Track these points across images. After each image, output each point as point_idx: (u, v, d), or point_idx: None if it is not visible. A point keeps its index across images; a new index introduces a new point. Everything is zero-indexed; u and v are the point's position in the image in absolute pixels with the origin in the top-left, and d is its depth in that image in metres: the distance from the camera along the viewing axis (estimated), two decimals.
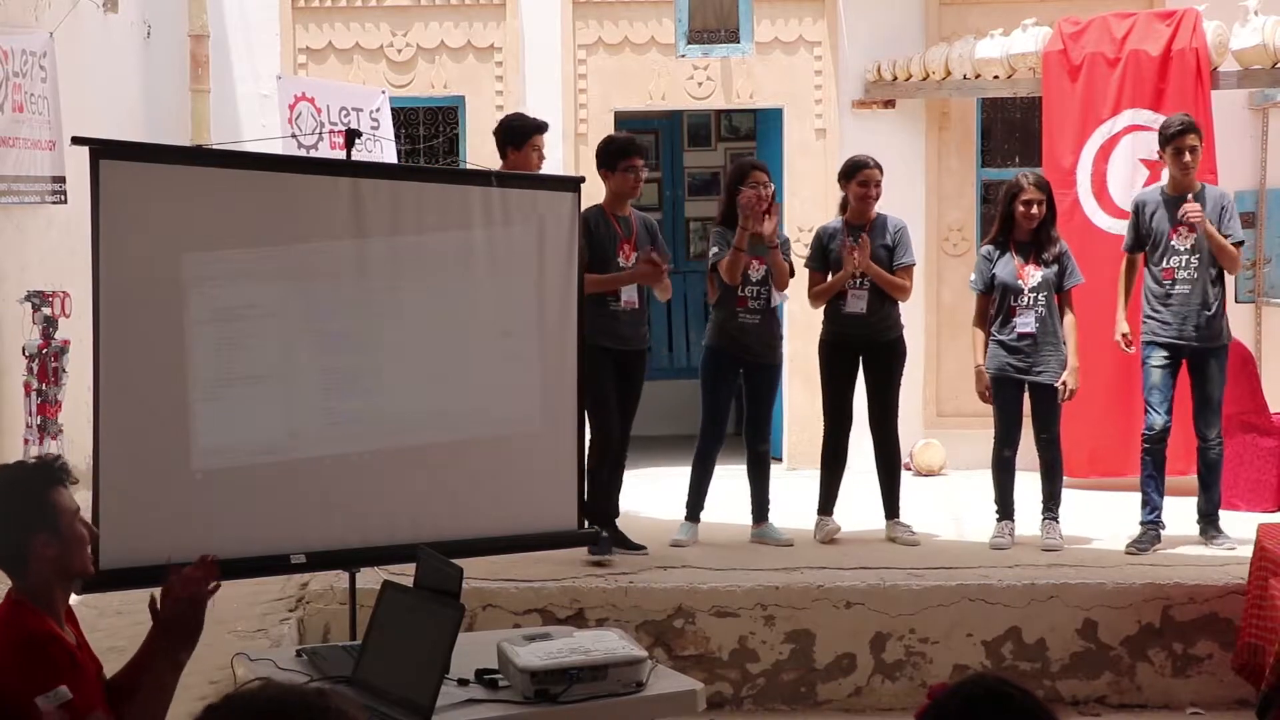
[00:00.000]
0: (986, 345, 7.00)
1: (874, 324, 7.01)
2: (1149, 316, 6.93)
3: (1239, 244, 6.94)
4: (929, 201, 9.32)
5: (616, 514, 6.86)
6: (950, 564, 6.57)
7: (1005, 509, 7.04)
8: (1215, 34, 8.31)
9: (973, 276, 7.13)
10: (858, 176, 7.06)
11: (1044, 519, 7.01)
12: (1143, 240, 6.99)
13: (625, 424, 6.79)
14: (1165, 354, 6.87)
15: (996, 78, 8.90)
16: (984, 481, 7.16)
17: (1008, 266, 6.92)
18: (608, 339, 6.54)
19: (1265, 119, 9.12)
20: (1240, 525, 6.97)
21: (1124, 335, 7.06)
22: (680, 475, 7.31)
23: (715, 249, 6.98)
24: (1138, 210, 7.04)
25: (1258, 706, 5.64)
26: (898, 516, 7.16)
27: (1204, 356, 6.85)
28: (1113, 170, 8.40)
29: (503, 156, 6.81)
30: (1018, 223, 6.91)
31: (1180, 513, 7.17)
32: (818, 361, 7.23)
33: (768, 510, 7.12)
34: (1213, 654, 6.22)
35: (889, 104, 9.33)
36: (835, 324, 7.08)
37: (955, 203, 9.42)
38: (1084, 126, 8.53)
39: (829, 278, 7.06)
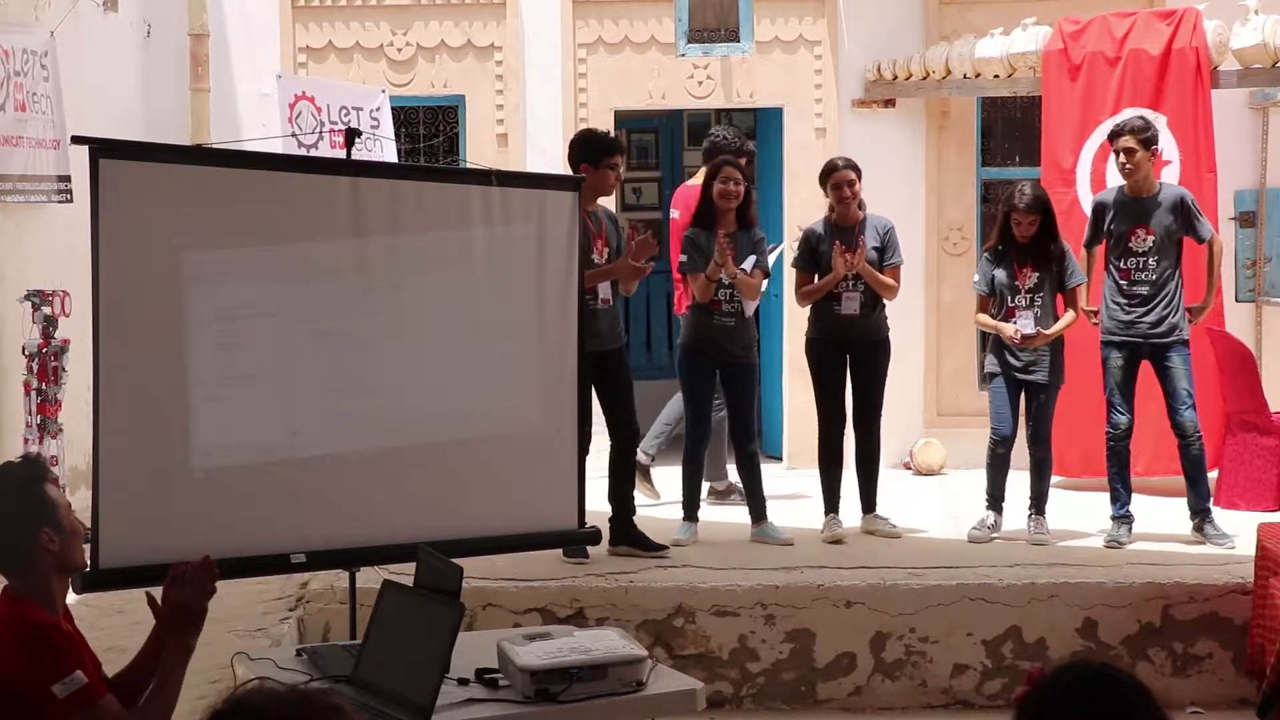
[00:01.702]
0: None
1: (866, 325, 7.08)
2: (1108, 316, 7.00)
3: (1206, 240, 6.99)
4: (929, 201, 9.31)
5: (633, 512, 6.83)
6: (950, 563, 6.57)
7: (993, 501, 7.11)
8: (1215, 33, 8.30)
9: (976, 277, 7.21)
10: (830, 180, 7.13)
11: (1031, 514, 7.06)
12: (1098, 237, 7.13)
13: (627, 421, 6.75)
14: (1123, 354, 6.96)
15: (997, 77, 8.89)
16: (984, 480, 7.17)
17: (1008, 268, 6.98)
18: (588, 340, 6.48)
19: (1265, 118, 9.11)
20: (1240, 525, 6.98)
21: (1089, 311, 7.12)
22: (674, 474, 7.30)
23: (685, 256, 7.00)
24: (1096, 210, 7.18)
25: (1258, 706, 5.63)
26: (874, 510, 7.19)
27: (1162, 354, 6.92)
28: (1112, 169, 8.36)
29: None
30: (1015, 233, 6.99)
31: (1177, 511, 7.17)
32: (806, 361, 7.30)
33: (765, 509, 7.10)
34: (1213, 653, 6.22)
35: (889, 103, 9.33)
36: (827, 324, 7.12)
37: (955, 202, 9.41)
38: (1084, 126, 8.52)
39: (816, 278, 7.10)
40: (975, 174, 9.48)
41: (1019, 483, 7.11)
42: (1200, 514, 6.97)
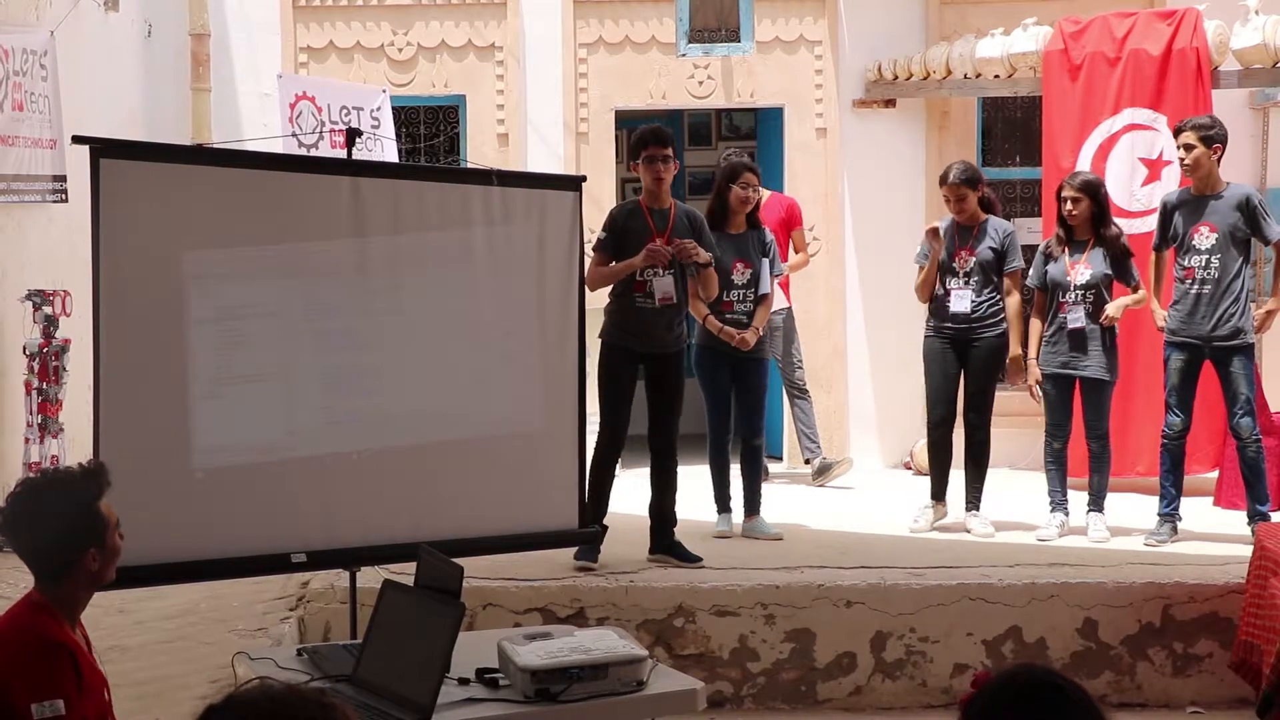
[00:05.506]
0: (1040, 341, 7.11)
1: (976, 322, 7.13)
2: (1172, 315, 6.96)
3: (1273, 241, 6.89)
4: (929, 201, 9.30)
5: (674, 522, 6.66)
6: (951, 563, 6.57)
7: (1056, 501, 7.14)
8: (1216, 33, 8.31)
9: (1029, 272, 7.25)
10: (942, 190, 7.23)
11: (1089, 511, 7.09)
12: (1165, 239, 7.05)
13: (668, 432, 6.57)
14: (1184, 355, 6.90)
15: (997, 77, 8.90)
16: (985, 481, 7.17)
17: (1060, 264, 7.01)
18: (635, 340, 6.40)
19: (1265, 118, 9.11)
20: (1241, 524, 6.98)
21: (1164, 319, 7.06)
22: (685, 473, 7.28)
23: None
24: (1163, 209, 7.10)
25: (1258, 706, 5.63)
26: (978, 509, 7.28)
27: (1224, 354, 6.85)
28: (1112, 169, 8.39)
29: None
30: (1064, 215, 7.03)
31: (1183, 511, 7.16)
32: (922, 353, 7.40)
33: (759, 504, 7.13)
34: (1213, 653, 6.22)
35: (889, 103, 9.33)
36: (939, 320, 7.22)
37: None
38: (1084, 126, 8.53)
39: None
40: None
41: (1037, 481, 7.10)
42: (1257, 517, 6.83)
